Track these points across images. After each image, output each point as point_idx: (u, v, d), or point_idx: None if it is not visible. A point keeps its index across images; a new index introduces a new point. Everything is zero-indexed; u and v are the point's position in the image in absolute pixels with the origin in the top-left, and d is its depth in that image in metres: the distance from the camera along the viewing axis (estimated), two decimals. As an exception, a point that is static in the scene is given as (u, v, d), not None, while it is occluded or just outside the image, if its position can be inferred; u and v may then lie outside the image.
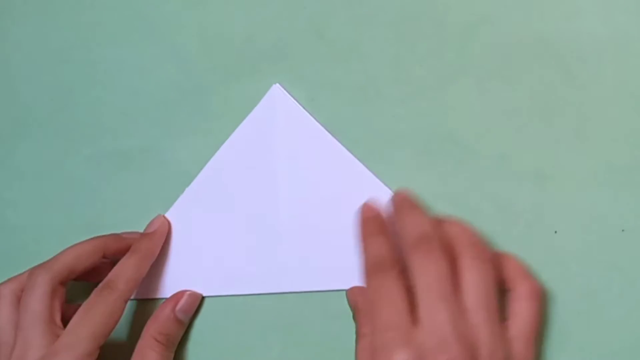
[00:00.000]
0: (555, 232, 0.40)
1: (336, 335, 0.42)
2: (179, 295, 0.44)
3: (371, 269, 0.38)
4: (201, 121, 0.46)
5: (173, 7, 0.47)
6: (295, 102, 0.45)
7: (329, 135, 0.44)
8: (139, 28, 0.47)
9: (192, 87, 0.46)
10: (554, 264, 0.40)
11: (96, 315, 0.39)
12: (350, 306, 0.41)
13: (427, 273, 0.36)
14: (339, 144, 0.44)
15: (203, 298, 0.44)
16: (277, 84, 0.45)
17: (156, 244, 0.44)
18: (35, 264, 0.44)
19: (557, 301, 0.40)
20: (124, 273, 0.41)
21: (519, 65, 0.41)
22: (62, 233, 0.46)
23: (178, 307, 0.43)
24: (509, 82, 0.41)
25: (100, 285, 0.41)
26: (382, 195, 0.42)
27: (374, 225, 0.41)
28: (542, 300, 0.38)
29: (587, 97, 0.41)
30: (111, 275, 0.41)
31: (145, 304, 0.45)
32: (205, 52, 0.45)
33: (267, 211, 0.44)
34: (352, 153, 0.44)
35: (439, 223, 0.39)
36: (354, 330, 0.40)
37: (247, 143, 0.45)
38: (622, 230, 0.40)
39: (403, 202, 0.41)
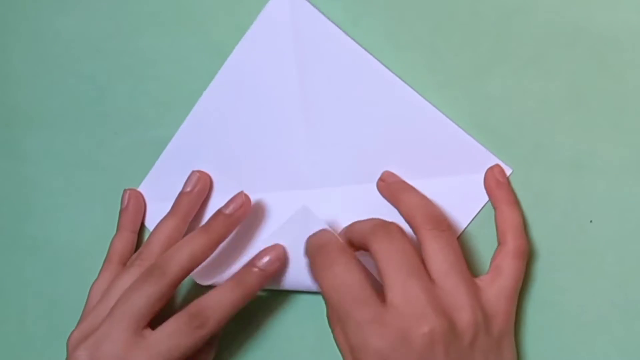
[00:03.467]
0: (591, 221, 0.40)
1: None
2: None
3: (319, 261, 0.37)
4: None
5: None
6: (307, 2, 0.43)
7: (345, 36, 0.43)
8: (175, 18, 0.47)
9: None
10: (590, 254, 0.40)
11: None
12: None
13: (390, 254, 0.36)
14: (355, 43, 0.43)
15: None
16: None
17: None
18: (73, 254, 0.44)
19: (593, 291, 0.40)
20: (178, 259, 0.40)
21: (555, 54, 0.41)
22: (99, 223, 0.46)
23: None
24: (545, 71, 0.41)
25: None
26: (404, 96, 0.42)
27: None
28: (526, 259, 0.39)
29: (622, 86, 0.40)
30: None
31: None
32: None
33: (287, 116, 0.44)
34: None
35: (396, 198, 0.40)
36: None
37: (259, 48, 0.44)
38: (658, 220, 0.40)
39: None
